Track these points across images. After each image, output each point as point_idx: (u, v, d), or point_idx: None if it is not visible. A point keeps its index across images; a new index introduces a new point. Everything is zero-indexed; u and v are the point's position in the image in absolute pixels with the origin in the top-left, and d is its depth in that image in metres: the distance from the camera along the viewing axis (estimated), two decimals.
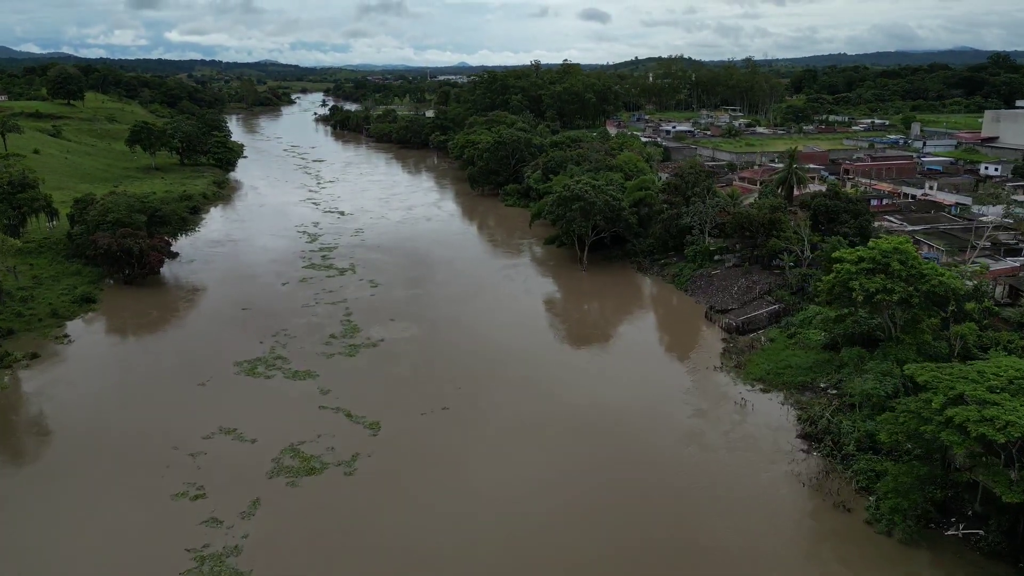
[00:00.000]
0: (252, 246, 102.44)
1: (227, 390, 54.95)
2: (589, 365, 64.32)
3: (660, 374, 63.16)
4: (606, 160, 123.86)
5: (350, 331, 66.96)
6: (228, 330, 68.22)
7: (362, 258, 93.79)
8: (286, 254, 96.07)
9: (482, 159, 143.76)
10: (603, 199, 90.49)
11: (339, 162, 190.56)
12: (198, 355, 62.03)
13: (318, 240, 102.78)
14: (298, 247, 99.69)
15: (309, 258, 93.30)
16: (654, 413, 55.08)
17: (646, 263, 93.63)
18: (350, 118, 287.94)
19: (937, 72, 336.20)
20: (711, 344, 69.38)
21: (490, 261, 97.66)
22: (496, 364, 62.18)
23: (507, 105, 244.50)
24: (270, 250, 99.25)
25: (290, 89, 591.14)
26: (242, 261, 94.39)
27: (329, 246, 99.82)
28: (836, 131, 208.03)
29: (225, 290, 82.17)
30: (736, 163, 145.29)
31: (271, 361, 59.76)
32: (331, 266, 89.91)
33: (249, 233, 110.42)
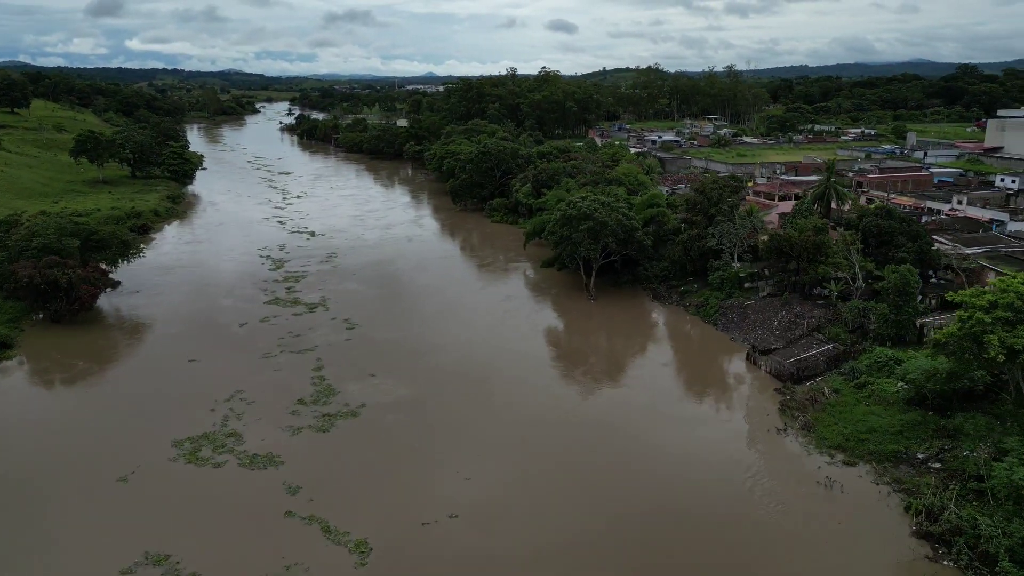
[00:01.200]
0: (207, 274, 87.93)
1: (159, 488, 40.48)
2: (623, 430, 51.54)
3: (710, 440, 50.61)
4: (604, 173, 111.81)
5: (323, 393, 53.02)
6: (170, 391, 53.88)
7: (335, 289, 79.75)
8: (246, 284, 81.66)
9: (464, 171, 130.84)
10: (615, 218, 78.20)
11: (307, 174, 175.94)
12: (126, 429, 47.56)
13: (284, 267, 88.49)
14: (260, 275, 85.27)
15: (273, 290, 78.94)
16: (715, 502, 42.43)
17: (661, 290, 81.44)
18: (318, 127, 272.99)
19: (912, 82, 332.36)
20: (762, 396, 57.20)
21: (484, 290, 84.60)
22: (509, 439, 49.00)
23: (484, 114, 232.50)
24: (228, 279, 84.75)
25: (255, 98, 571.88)
26: (194, 293, 79.88)
27: (296, 274, 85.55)
28: (826, 141, 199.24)
29: (171, 333, 67.80)
30: (737, 175, 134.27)
31: (221, 439, 45.62)
32: (298, 301, 75.80)
33: (204, 257, 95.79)
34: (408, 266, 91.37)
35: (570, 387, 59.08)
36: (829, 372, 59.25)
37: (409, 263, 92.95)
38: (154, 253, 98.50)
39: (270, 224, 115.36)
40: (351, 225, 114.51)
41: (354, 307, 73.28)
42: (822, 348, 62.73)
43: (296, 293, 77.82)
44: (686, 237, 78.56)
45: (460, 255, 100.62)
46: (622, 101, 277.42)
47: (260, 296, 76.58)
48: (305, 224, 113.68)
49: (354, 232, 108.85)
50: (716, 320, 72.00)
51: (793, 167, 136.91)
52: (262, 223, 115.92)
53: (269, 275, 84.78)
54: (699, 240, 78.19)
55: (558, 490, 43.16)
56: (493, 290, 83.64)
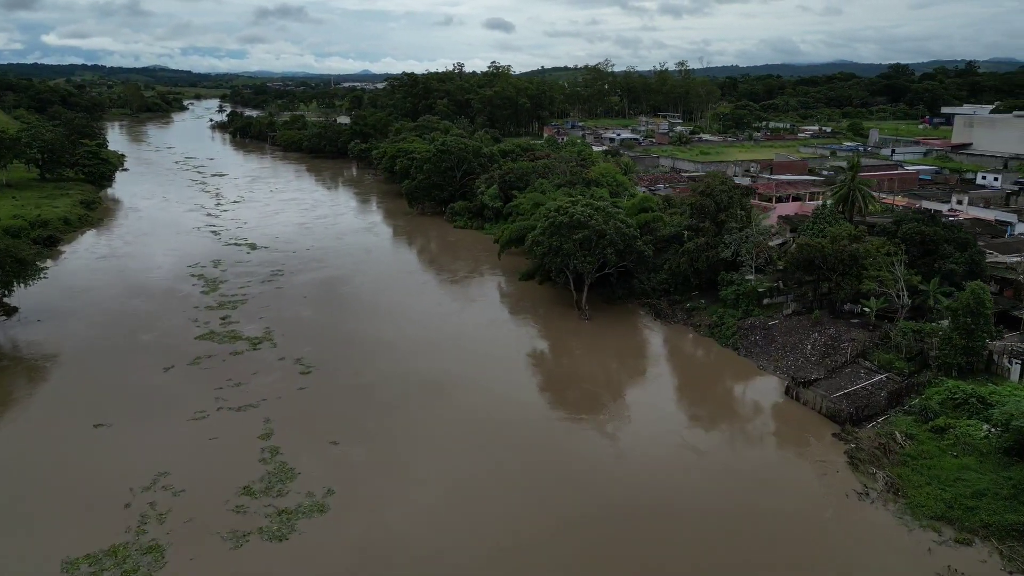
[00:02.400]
0: (126, 298, 72.77)
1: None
2: (667, 502, 40.35)
3: (773, 510, 39.78)
4: (580, 173, 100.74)
5: (276, 475, 39.04)
6: (64, 474, 39.75)
7: (282, 318, 65.61)
8: (174, 313, 66.83)
9: (422, 172, 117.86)
10: (613, 226, 67.13)
11: (243, 176, 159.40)
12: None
13: (219, 288, 73.75)
14: (191, 300, 70.48)
15: (206, 320, 64.43)
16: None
17: (663, 306, 70.81)
18: (252, 125, 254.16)
19: (851, 80, 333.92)
20: (820, 443, 46.95)
21: (461, 311, 72.20)
22: (526, 535, 37.19)
23: (431, 110, 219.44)
24: (151, 306, 69.69)
25: (182, 95, 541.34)
26: (108, 325, 64.86)
27: (234, 298, 70.95)
28: (784, 138, 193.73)
29: (74, 381, 53.17)
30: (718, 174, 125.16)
31: (135, 559, 31.50)
32: (238, 334, 61.07)
33: (123, 277, 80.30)
34: (368, 284, 78.15)
35: (586, 438, 47.49)
36: (892, 410, 49.45)
37: (368, 280, 79.75)
38: (62, 271, 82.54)
39: (203, 234, 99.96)
40: (297, 235, 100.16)
41: (307, 341, 59.55)
42: (874, 379, 53.00)
43: (234, 324, 63.28)
44: (692, 246, 68.05)
45: (426, 268, 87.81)
46: (571, 98, 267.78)
47: (190, 328, 61.94)
48: (243, 234, 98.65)
49: (301, 243, 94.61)
50: (736, 343, 61.65)
51: (768, 165, 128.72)
52: (193, 233, 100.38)
53: (201, 299, 70.08)
54: (707, 250, 67.83)
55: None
56: (472, 310, 71.33)
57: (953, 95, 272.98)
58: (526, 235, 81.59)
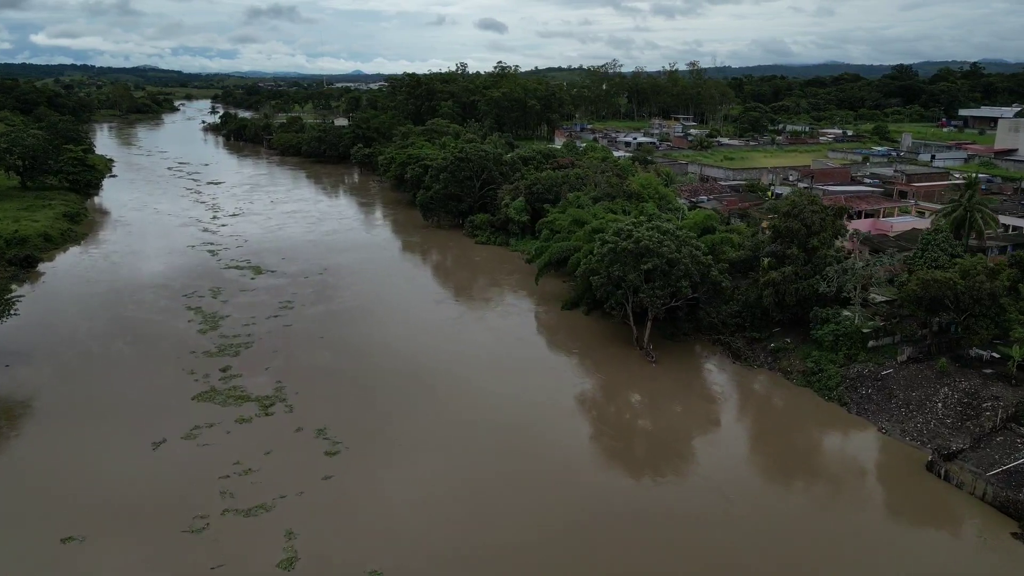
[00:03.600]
0: (110, 334, 61.37)
1: None
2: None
3: None
4: (618, 185, 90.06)
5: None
6: None
7: (296, 367, 53.98)
8: (165, 361, 54.97)
9: (438, 181, 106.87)
10: (687, 253, 56.54)
11: (241, 183, 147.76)
12: None
13: (219, 326, 62.17)
14: (187, 341, 58.77)
15: (204, 372, 52.73)
16: None
17: (740, 345, 60.31)
18: (247, 127, 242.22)
19: (859, 82, 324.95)
20: (993, 554, 36.41)
21: (508, 358, 60.35)
22: None
23: (435, 112, 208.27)
24: (139, 348, 58.08)
25: (173, 95, 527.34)
26: (87, 373, 53.54)
27: (237, 340, 59.16)
28: (807, 142, 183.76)
29: (38, 462, 41.70)
30: (755, 183, 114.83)
31: None
32: (242, 393, 49.24)
33: (109, 306, 68.79)
34: (391, 319, 66.90)
35: (671, 519, 36.82)
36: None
37: (391, 313, 68.57)
38: (39, 298, 71.08)
39: (199, 254, 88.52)
40: (305, 255, 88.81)
41: (328, 402, 48.10)
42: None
43: (238, 378, 51.55)
44: (779, 277, 57.46)
45: (454, 296, 76.63)
46: (576, 100, 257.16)
47: (185, 383, 50.44)
48: (245, 255, 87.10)
49: (311, 265, 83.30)
50: (844, 397, 51.12)
51: (808, 173, 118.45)
52: (188, 254, 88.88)
53: (198, 341, 58.58)
54: (797, 281, 57.28)
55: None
56: (518, 355, 60.07)
57: (967, 97, 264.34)
58: (570, 257, 71.60)
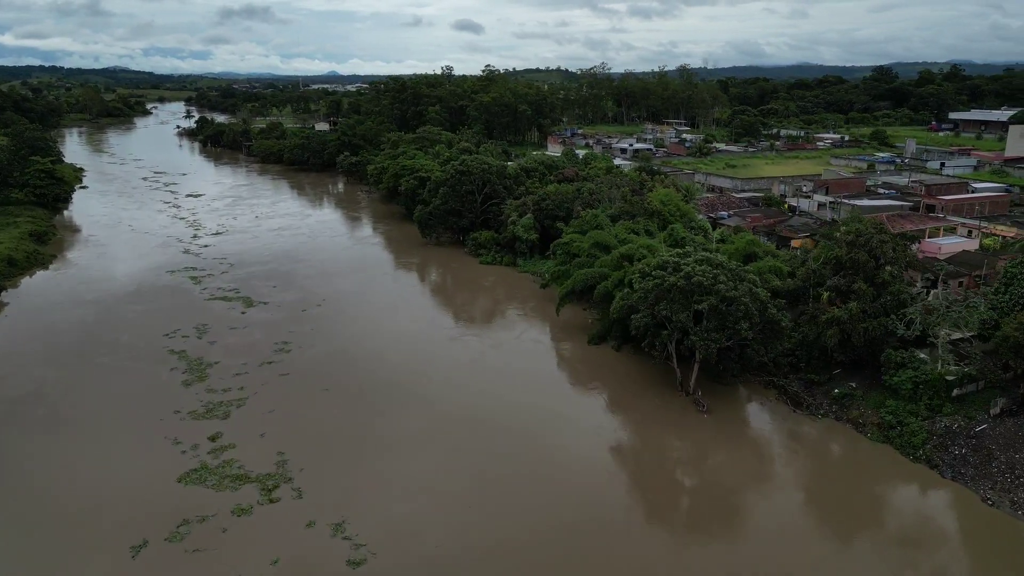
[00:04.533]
0: (79, 390, 52.97)
1: None
2: None
3: None
4: (638, 203, 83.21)
5: None
6: None
7: (299, 430, 45.56)
8: (145, 423, 46.43)
9: (437, 196, 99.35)
10: (744, 290, 49.81)
11: (222, 195, 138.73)
12: None
13: (207, 377, 53.43)
14: (169, 399, 49.61)
15: (192, 441, 43.56)
16: None
17: (797, 389, 53.80)
18: (224, 132, 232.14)
19: (843, 84, 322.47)
20: None
21: (528, 397, 53.57)
22: None
23: (422, 118, 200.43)
24: (115, 408, 49.90)
25: (145, 98, 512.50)
26: (51, 449, 45.23)
27: (228, 394, 50.23)
28: (805, 148, 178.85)
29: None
30: (772, 194, 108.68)
31: None
32: (239, 470, 40.56)
33: (77, 352, 59.99)
34: (404, 361, 59.08)
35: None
36: None
37: (401, 352, 60.59)
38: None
39: (180, 281, 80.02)
40: (301, 280, 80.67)
41: (343, 480, 39.65)
42: None
43: (231, 449, 42.81)
44: (845, 315, 50.92)
45: (465, 327, 69.15)
46: (564, 103, 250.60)
47: (170, 459, 41.69)
48: (232, 281, 78.62)
49: (307, 294, 75.14)
50: (933, 458, 44.70)
51: (824, 184, 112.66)
52: (168, 280, 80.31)
53: (183, 398, 50.17)
54: (865, 320, 50.83)
55: None
56: (547, 404, 52.80)
57: (955, 99, 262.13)
58: (595, 285, 64.78)
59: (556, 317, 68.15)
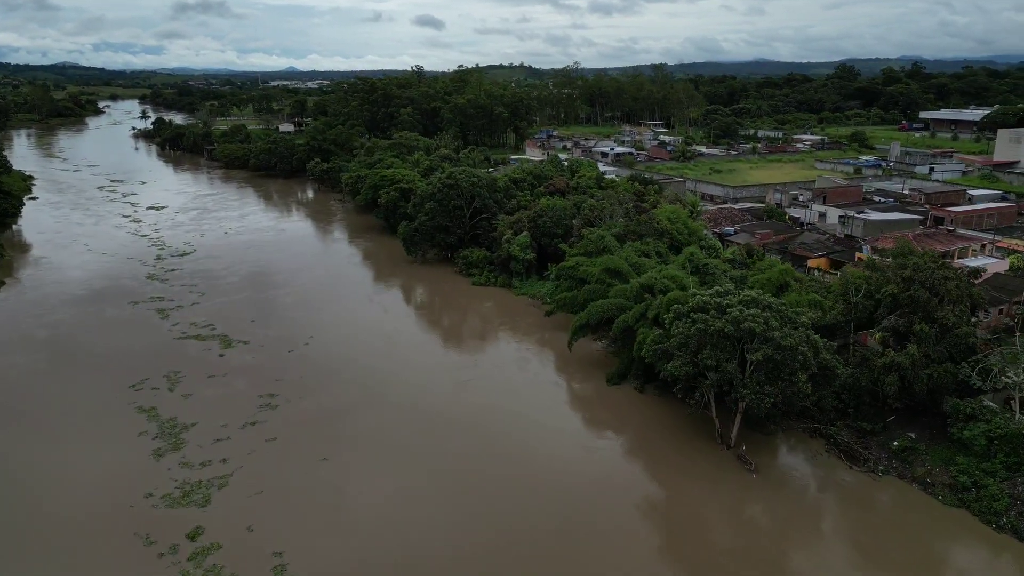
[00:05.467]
0: (23, 490, 44.53)
1: None
2: None
3: None
4: (648, 223, 77.20)
5: None
6: None
7: (297, 526, 37.97)
8: (110, 512, 38.41)
9: (423, 211, 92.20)
10: (798, 339, 44.05)
11: (186, 207, 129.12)
12: None
13: (182, 443, 45.13)
14: (138, 474, 41.77)
15: (167, 538, 35.72)
16: None
17: (848, 439, 48.43)
18: (184, 135, 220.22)
19: (808, 83, 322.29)
20: None
21: (573, 469, 47.32)
22: None
23: (393, 120, 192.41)
24: (75, 497, 41.92)
25: (96, 96, 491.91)
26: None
27: (207, 468, 42.46)
28: (786, 151, 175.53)
29: None
30: (775, 206, 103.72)
31: None
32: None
33: (25, 422, 51.58)
34: (405, 415, 52.01)
35: None
36: None
37: (403, 404, 53.61)
38: None
39: (146, 312, 71.52)
40: (282, 312, 72.82)
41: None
42: None
43: (215, 552, 34.79)
44: (907, 361, 45.59)
45: (477, 368, 61.76)
46: (539, 104, 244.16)
47: (140, 569, 34.28)
48: (205, 314, 70.23)
49: (293, 330, 67.17)
50: (1018, 526, 39.62)
51: (821, 193, 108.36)
52: (133, 314, 71.70)
53: (155, 476, 41.47)
54: (928, 365, 45.59)
55: None
56: (577, 468, 46.52)
57: (922, 98, 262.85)
58: (612, 317, 58.84)
59: (567, 352, 61.96)
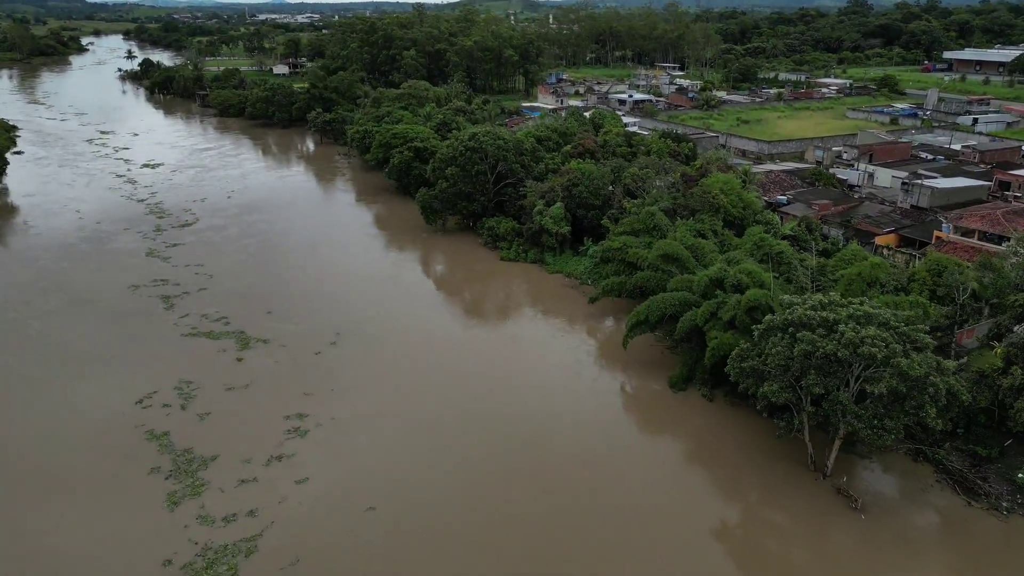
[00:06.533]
0: (9, 555, 37.97)
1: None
2: None
3: None
4: (697, 195, 69.12)
5: None
6: None
7: None
8: None
9: (444, 177, 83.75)
10: (931, 363, 37.16)
11: (182, 164, 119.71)
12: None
13: (202, 489, 37.54)
14: (150, 552, 34.28)
15: None
16: None
17: (956, 463, 42.21)
18: (174, 78, 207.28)
19: (823, 19, 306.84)
20: None
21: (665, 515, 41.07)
22: None
23: (395, 63, 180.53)
24: (67, 568, 35.51)
25: (79, 31, 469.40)
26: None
27: (232, 528, 35.25)
28: (813, 97, 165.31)
29: None
30: (818, 165, 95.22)
31: None
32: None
33: (13, 452, 44.73)
34: (464, 410, 45.70)
35: None
36: None
37: (450, 435, 47.07)
38: None
39: (149, 300, 63.80)
40: (301, 297, 65.40)
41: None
42: None
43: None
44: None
45: (535, 370, 53.82)
46: (547, 44, 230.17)
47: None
48: (216, 304, 62.42)
49: (316, 322, 59.97)
50: None
51: (867, 151, 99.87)
52: (134, 303, 63.97)
53: (171, 532, 34.13)
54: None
55: None
56: (652, 501, 40.31)
57: (944, 36, 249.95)
58: (677, 314, 52.03)
59: (616, 343, 55.34)
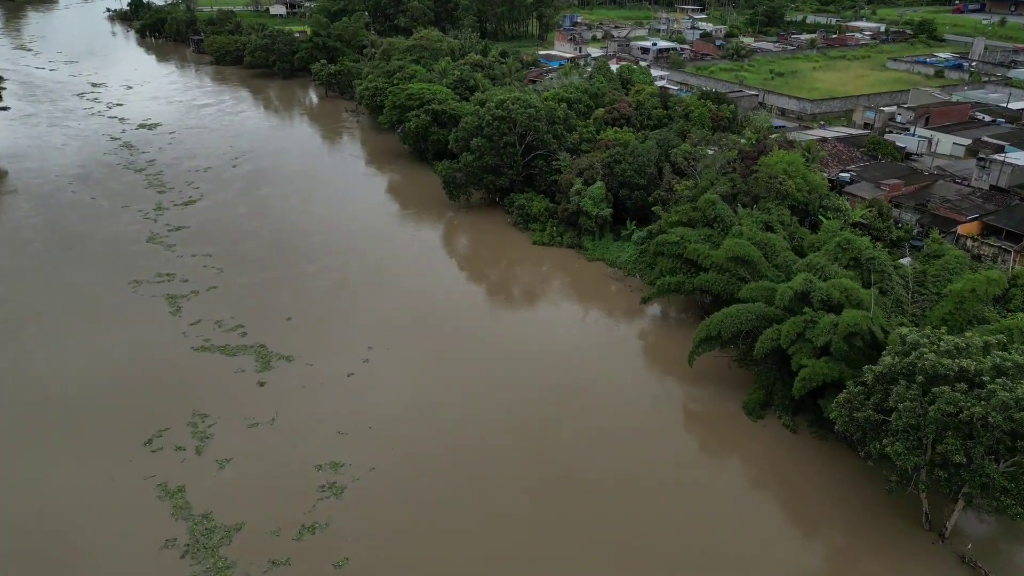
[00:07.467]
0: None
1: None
2: None
3: None
4: (761, 181, 61.48)
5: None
6: None
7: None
8: None
9: (471, 150, 75.89)
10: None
11: (181, 124, 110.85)
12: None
13: (229, 573, 32.62)
14: None
15: None
16: None
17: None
18: (166, 21, 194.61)
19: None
20: None
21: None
22: None
23: (401, 6, 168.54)
24: None
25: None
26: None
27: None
28: (848, 45, 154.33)
29: None
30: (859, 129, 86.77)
31: None
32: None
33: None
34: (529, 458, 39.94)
35: None
36: None
37: (506, 472, 41.34)
38: None
39: (152, 300, 57.08)
40: (323, 297, 58.69)
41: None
42: None
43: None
44: None
45: (603, 391, 47.88)
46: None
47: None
48: (227, 307, 55.62)
49: (341, 335, 53.59)
50: None
51: (924, 113, 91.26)
52: (136, 304, 57.21)
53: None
54: None
55: None
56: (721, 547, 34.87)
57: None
58: (758, 330, 45.84)
59: (677, 353, 49.37)
